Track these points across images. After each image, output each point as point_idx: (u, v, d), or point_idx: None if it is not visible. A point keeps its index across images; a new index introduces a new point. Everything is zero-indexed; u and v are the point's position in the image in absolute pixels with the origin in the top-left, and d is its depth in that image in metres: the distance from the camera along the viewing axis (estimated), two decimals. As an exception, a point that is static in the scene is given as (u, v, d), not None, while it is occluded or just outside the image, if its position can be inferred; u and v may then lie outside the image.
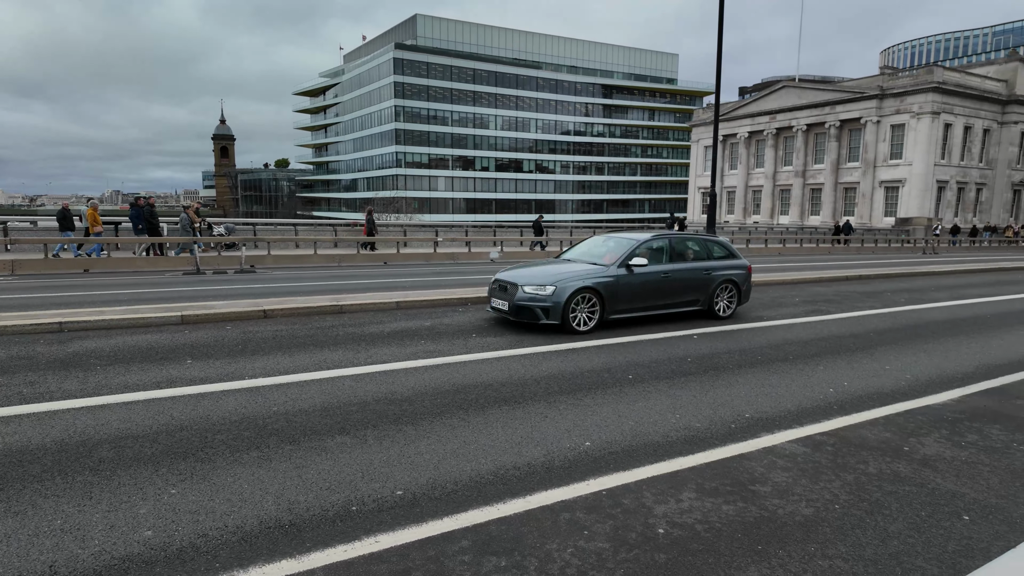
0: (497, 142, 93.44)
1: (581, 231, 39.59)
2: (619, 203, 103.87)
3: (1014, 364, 7.71)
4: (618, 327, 9.49)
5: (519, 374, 6.70)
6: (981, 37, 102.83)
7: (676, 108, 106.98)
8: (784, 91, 60.17)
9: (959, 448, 4.79)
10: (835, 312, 11.70)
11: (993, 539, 3.42)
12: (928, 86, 48.91)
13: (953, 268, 22.27)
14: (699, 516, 3.63)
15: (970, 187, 54.10)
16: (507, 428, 5.03)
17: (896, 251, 38.54)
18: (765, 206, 62.95)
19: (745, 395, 6.17)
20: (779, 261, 26.70)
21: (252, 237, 25.11)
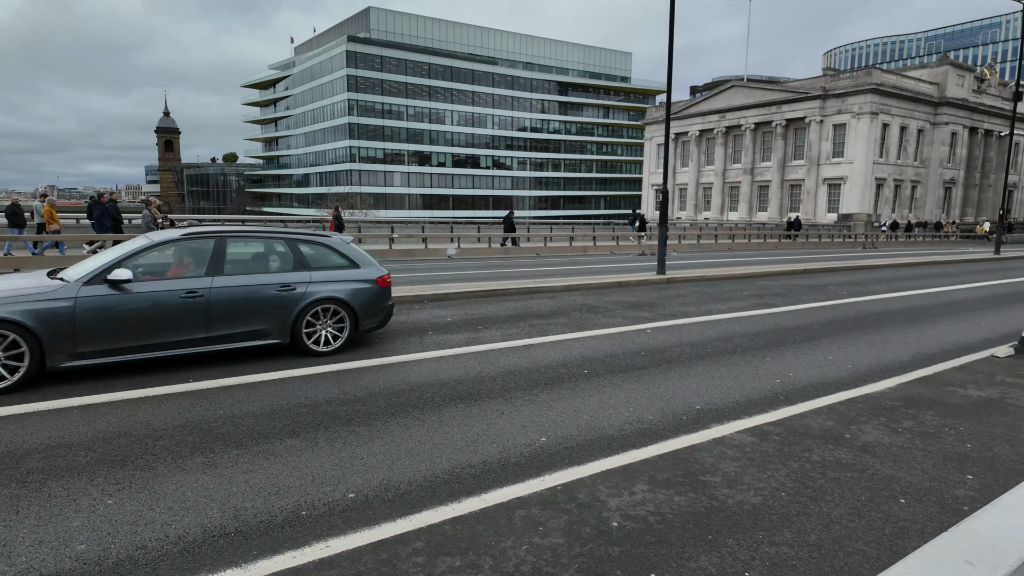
0: (454, 138, 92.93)
1: (539, 227, 39.75)
2: (576, 200, 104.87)
3: (946, 353, 8.13)
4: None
5: (475, 371, 6.66)
6: (915, 41, 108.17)
7: (630, 106, 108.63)
8: (733, 91, 61.86)
9: (896, 434, 5.01)
10: (782, 305, 12.09)
11: (927, 520, 3.59)
12: (867, 87, 51.12)
13: (891, 262, 23.37)
14: (652, 508, 3.68)
15: (906, 184, 56.89)
16: (463, 426, 5.00)
17: (839, 246, 40.17)
18: (715, 203, 64.65)
19: (696, 387, 6.30)
20: (729, 256, 27.47)
21: None
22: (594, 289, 13.96)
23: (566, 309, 11.01)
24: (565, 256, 26.56)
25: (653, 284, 15.23)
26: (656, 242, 31.75)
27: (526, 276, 16.22)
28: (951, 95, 56.67)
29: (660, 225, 17.25)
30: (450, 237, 27.53)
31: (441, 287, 12.60)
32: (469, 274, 17.01)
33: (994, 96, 61.61)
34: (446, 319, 9.73)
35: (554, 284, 13.70)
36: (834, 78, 55.35)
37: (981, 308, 12.29)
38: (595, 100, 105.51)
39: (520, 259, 24.07)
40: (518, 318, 9.97)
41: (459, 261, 22.43)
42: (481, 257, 24.69)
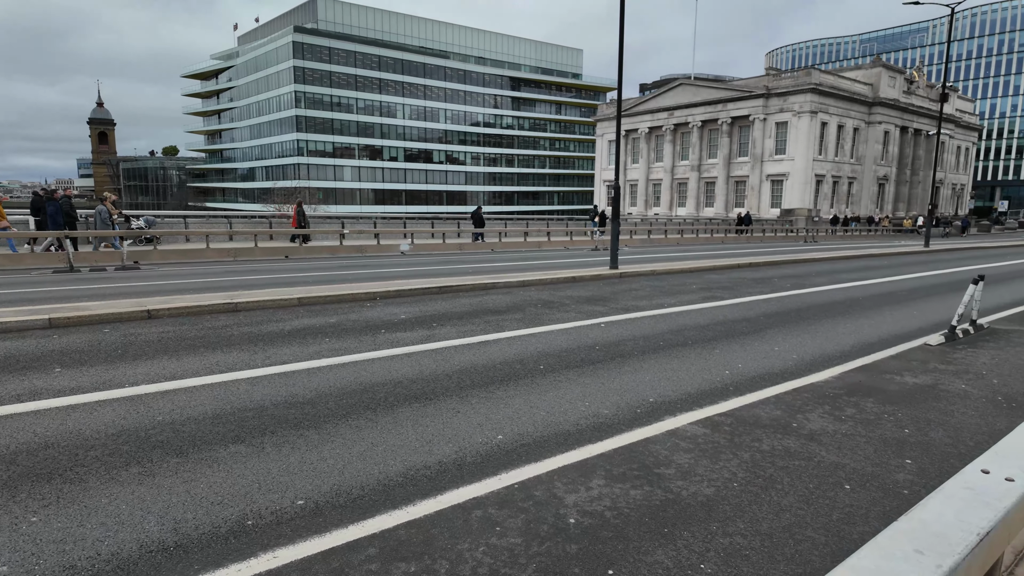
0: (406, 131, 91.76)
1: (493, 223, 39.67)
2: (529, 195, 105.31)
3: (884, 341, 8.51)
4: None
5: (430, 369, 6.55)
6: (851, 43, 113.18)
7: (581, 103, 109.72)
8: (681, 88, 63.27)
9: (840, 422, 5.19)
10: (729, 298, 12.42)
11: (871, 505, 3.72)
12: (807, 87, 53.17)
13: (830, 255, 24.39)
14: (608, 503, 3.68)
15: (843, 181, 59.53)
16: (417, 426, 4.89)
17: (782, 240, 41.69)
18: (665, 198, 66.09)
19: (649, 380, 6.38)
20: (678, 251, 28.11)
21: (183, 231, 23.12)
22: (549, 284, 14.01)
23: (521, 304, 11.00)
24: (520, 251, 26.60)
25: (606, 279, 15.41)
26: (609, 237, 32.44)
27: (481, 272, 16.15)
28: (884, 96, 59.58)
29: (612, 221, 17.47)
30: (403, 233, 27.17)
31: (394, 284, 12.39)
32: (423, 270, 16.81)
33: (922, 97, 65.15)
34: (400, 316, 9.56)
35: (509, 280, 13.67)
36: (776, 78, 57.32)
37: (914, 298, 12.94)
38: (547, 96, 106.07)
39: (475, 254, 23.96)
40: (473, 314, 9.89)
41: (413, 257, 22.16)
42: (435, 253, 24.47)
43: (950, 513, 1.78)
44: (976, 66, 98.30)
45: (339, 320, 9.19)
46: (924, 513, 1.78)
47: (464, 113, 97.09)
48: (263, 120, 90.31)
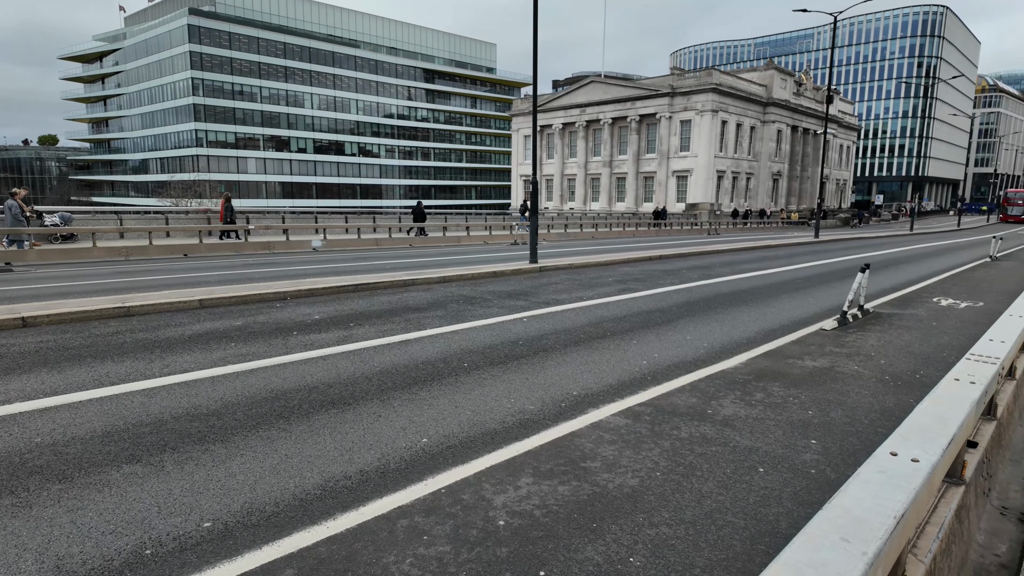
0: (315, 122, 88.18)
1: (410, 218, 38.90)
2: (446, 189, 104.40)
3: (784, 327, 9.07)
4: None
5: (348, 372, 6.28)
6: (747, 46, 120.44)
7: (496, 97, 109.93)
8: (592, 86, 64.81)
9: (750, 407, 5.45)
10: (643, 290, 12.84)
11: (783, 487, 3.91)
12: (708, 87, 56.00)
13: (732, 247, 25.86)
14: (537, 501, 3.64)
15: (742, 176, 63.31)
16: (336, 434, 4.65)
17: (687, 232, 43.77)
18: (579, 193, 67.60)
19: (572, 373, 6.43)
20: (593, 244, 28.81)
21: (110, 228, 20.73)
22: (470, 280, 13.90)
23: (443, 301, 10.83)
24: (439, 247, 26.28)
25: (527, 273, 15.50)
26: (527, 232, 33.34)
27: (400, 268, 15.77)
28: (776, 96, 63.86)
29: (531, 215, 17.59)
30: (315, 228, 26.09)
31: (306, 282, 11.83)
32: (338, 267, 16.20)
33: (810, 99, 70.45)
34: (313, 317, 9.12)
35: (429, 276, 13.43)
36: (680, 77, 59.97)
37: (809, 286, 13.94)
38: (462, 89, 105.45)
39: (392, 250, 23.41)
40: (393, 312, 9.62)
41: (326, 254, 21.33)
42: (350, 249, 23.68)
43: (868, 498, 1.85)
44: (854, 71, 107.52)
45: (246, 323, 8.64)
46: (845, 499, 1.84)
47: (377, 104, 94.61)
48: (156, 108, 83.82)
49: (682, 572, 2.97)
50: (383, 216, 37.87)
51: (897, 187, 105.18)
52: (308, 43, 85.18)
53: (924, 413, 2.70)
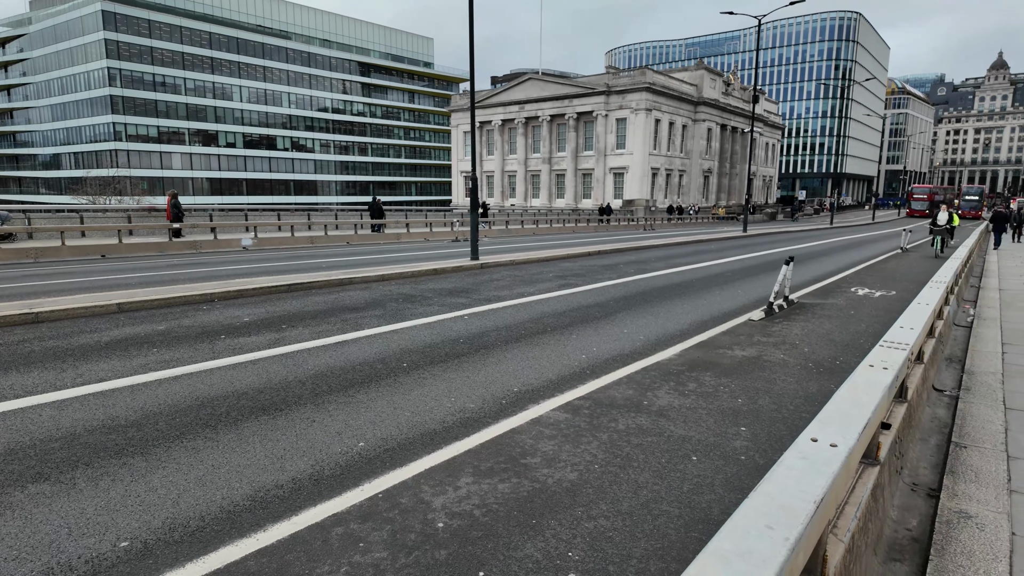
0: (245, 116, 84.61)
1: (348, 214, 38.01)
2: (385, 185, 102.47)
3: (715, 319, 9.40)
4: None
5: (281, 376, 6.04)
6: (678, 46, 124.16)
7: (435, 92, 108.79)
8: (530, 83, 65.16)
9: (684, 396, 5.61)
10: (582, 285, 13.02)
11: (715, 474, 4.04)
12: (642, 86, 57.38)
13: (666, 242, 26.63)
14: (477, 501, 3.61)
15: (675, 173, 65.29)
16: (267, 441, 4.46)
17: (624, 228, 44.76)
18: (520, 190, 67.91)
19: (513, 370, 6.44)
20: (534, 240, 29.02)
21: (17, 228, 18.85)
22: (410, 277, 13.69)
23: (382, 300, 10.61)
24: (378, 244, 25.78)
25: (468, 270, 15.42)
26: (468, 228, 33.86)
27: (337, 267, 15.36)
28: (707, 96, 66.16)
29: (471, 212, 17.51)
30: (245, 226, 25.06)
31: (235, 283, 11.33)
32: (270, 267, 15.62)
33: (737, 98, 73.36)
34: (243, 319, 8.74)
35: (368, 274, 13.14)
36: (615, 76, 61.17)
37: (738, 279, 14.51)
38: (399, 84, 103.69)
39: (329, 248, 22.77)
40: (329, 313, 9.34)
41: (257, 253, 20.52)
42: (284, 248, 22.88)
43: (791, 484, 1.92)
44: (778, 72, 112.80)
45: (169, 327, 8.18)
46: (770, 487, 1.90)
47: (310, 98, 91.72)
48: (69, 99, 78.18)
49: (620, 564, 3.02)
50: (319, 213, 36.77)
51: (818, 183, 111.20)
52: (236, 33, 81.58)
53: (842, 399, 2.84)
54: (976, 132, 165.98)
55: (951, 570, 3.00)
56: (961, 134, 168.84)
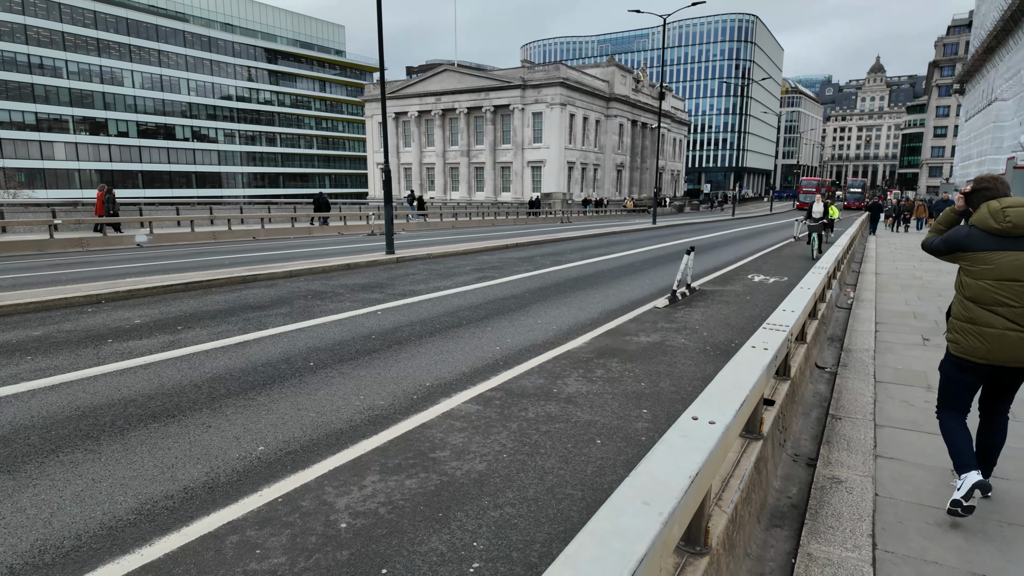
0: (138, 103, 78.41)
1: (254, 208, 36.20)
2: (297, 177, 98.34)
3: (624, 307, 9.75)
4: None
5: (175, 380, 5.68)
6: (590, 43, 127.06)
7: (348, 82, 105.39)
8: (446, 75, 64.58)
9: (591, 383, 5.79)
10: (499, 277, 13.10)
11: (617, 455, 4.20)
12: (556, 81, 58.32)
13: (582, 234, 27.30)
14: (383, 499, 3.56)
15: (590, 167, 66.98)
16: (156, 450, 4.18)
17: (542, 221, 45.42)
18: (439, 183, 67.32)
19: (426, 364, 6.39)
20: (453, 234, 28.88)
21: None
22: (320, 273, 13.24)
23: (289, 297, 10.20)
24: (287, 239, 24.72)
25: (383, 264, 15.12)
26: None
27: (241, 263, 14.59)
28: (618, 92, 68.22)
29: (385, 205, 17.14)
30: (140, 221, 23.29)
31: (125, 282, 10.52)
32: (166, 264, 14.61)
33: (646, 95, 76.16)
34: (133, 321, 8.13)
35: (274, 270, 12.58)
36: (531, 70, 61.78)
37: (646, 268, 15.12)
38: (309, 72, 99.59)
39: (233, 244, 21.58)
40: (230, 312, 8.87)
41: (152, 250, 19.14)
42: (183, 244, 21.46)
43: (670, 461, 2.02)
44: (684, 70, 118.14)
45: (47, 332, 7.47)
46: (650, 465, 2.00)
47: (212, 85, 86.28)
48: (-79, 79, 69.33)
49: (523, 549, 3.07)
50: (223, 207, 34.78)
51: (722, 177, 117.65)
52: (124, 13, 75.27)
53: (724, 379, 3.03)
54: (859, 130, 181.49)
55: (823, 532, 3.28)
56: (846, 131, 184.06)
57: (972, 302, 3.36)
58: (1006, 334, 3.22)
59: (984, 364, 3.36)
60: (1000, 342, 3.25)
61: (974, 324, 3.35)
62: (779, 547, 3.33)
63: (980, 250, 3.29)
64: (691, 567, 2.26)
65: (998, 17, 39.81)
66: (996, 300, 3.24)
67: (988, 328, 3.28)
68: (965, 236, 3.38)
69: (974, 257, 3.32)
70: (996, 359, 3.29)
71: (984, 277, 3.29)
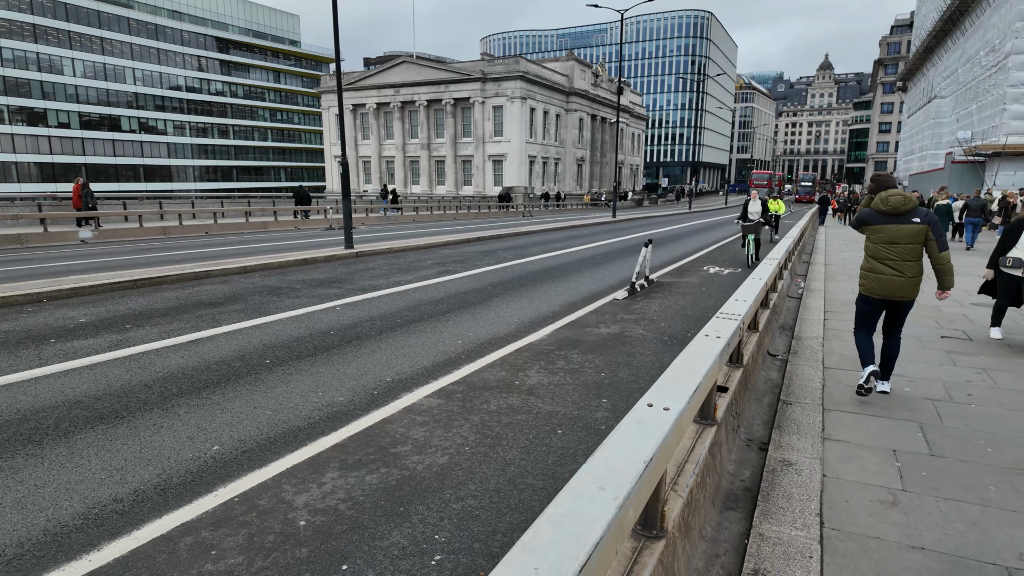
0: (80, 92, 74.80)
1: (207, 202, 35.03)
2: (251, 170, 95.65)
3: (585, 299, 9.86)
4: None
5: (123, 381, 5.48)
6: (550, 37, 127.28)
7: (303, 73, 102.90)
8: (404, 66, 63.73)
9: (552, 374, 5.84)
10: (461, 271, 13.07)
11: (577, 444, 4.26)
12: (516, 74, 58.27)
13: (544, 227, 27.42)
14: (343, 495, 3.53)
15: (551, 161, 67.25)
16: (104, 453, 4.03)
17: (504, 215, 45.43)
18: (399, 176, 66.50)
19: (387, 360, 6.33)
20: (414, 227, 28.61)
21: None
22: (276, 268, 12.95)
23: (244, 294, 9.95)
24: (241, 234, 24.06)
25: (342, 259, 14.88)
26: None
27: (192, 259, 14.15)
28: (577, 86, 68.62)
29: (344, 198, 16.85)
30: (85, 217, 22.28)
31: (68, 280, 10.08)
32: (113, 261, 14.04)
33: (605, 90, 76.86)
34: (78, 320, 7.80)
35: (228, 266, 12.23)
36: (491, 63, 61.55)
37: (607, 261, 15.31)
38: (263, 62, 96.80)
39: (184, 239, 20.88)
40: (182, 310, 8.59)
41: (98, 246, 18.36)
42: (131, 240, 20.65)
43: (626, 447, 2.07)
44: (642, 65, 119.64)
45: (-16, 333, 7.10)
46: (606, 451, 2.04)
47: (160, 74, 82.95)
48: None
49: (485, 540, 3.10)
50: (173, 201, 33.59)
51: (679, 171, 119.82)
52: (63, -2, 71.61)
53: (678, 366, 3.10)
54: (809, 125, 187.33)
55: (774, 513, 3.41)
56: (798, 127, 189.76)
57: (872, 258, 5.03)
58: (892, 279, 4.91)
59: (879, 299, 5.05)
60: (888, 284, 4.93)
61: (873, 272, 5.02)
62: (733, 528, 3.44)
63: (875, 224, 4.97)
64: (648, 550, 2.32)
65: (937, 19, 41.67)
66: (885, 256, 4.93)
67: (880, 274, 4.96)
68: (867, 215, 5.04)
69: (871, 228, 5.00)
70: (886, 295, 4.98)
71: (878, 241, 4.96)
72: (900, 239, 4.83)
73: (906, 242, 4.82)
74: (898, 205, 4.83)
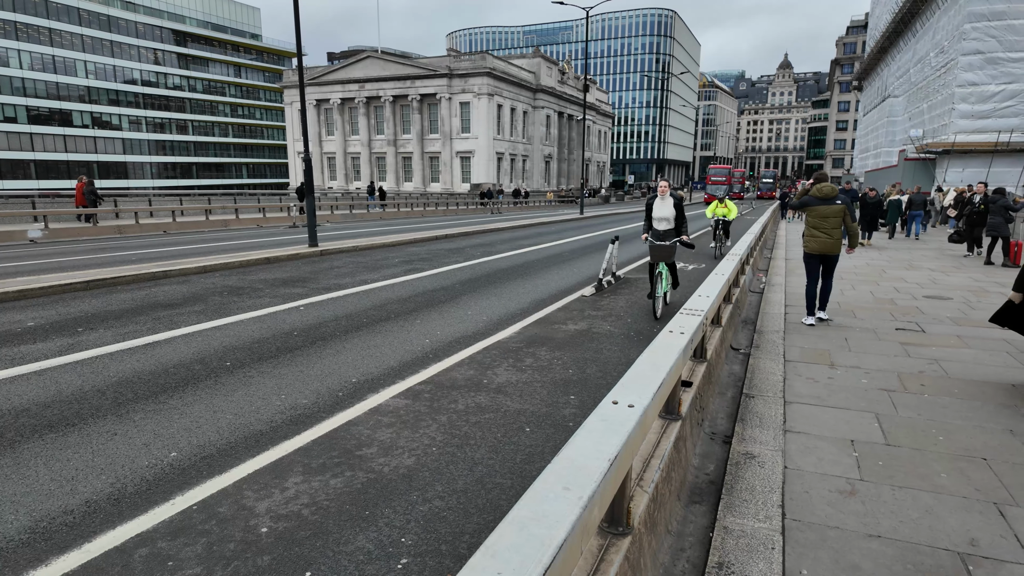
0: (27, 86, 71.60)
1: (165, 199, 33.98)
2: (211, 167, 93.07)
3: (553, 296, 9.89)
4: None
5: (75, 387, 5.26)
6: (516, 34, 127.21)
7: (265, 67, 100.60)
8: (369, 61, 62.87)
9: (521, 372, 5.84)
10: (428, 269, 12.96)
11: (545, 442, 4.26)
12: (483, 71, 58.07)
13: (512, 224, 27.41)
14: (306, 500, 3.46)
15: (519, 158, 67.29)
16: (53, 463, 3.86)
17: (472, 212, 45.29)
18: (365, 172, 65.64)
19: (352, 360, 6.23)
20: (381, 225, 28.28)
21: None
22: (238, 268, 12.63)
23: (203, 294, 9.67)
24: (202, 232, 23.40)
25: (306, 257, 14.60)
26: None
27: (150, 259, 13.70)
28: (544, 84, 68.76)
29: (307, 195, 16.53)
30: (33, 215, 21.37)
31: (15, 282, 9.64)
32: (65, 261, 13.50)
33: (572, 87, 77.22)
34: (25, 324, 7.47)
35: (186, 266, 11.88)
36: (457, 59, 61.19)
37: (574, 258, 15.39)
38: (223, 56, 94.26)
39: (141, 239, 20.20)
40: (137, 311, 8.31)
41: (48, 246, 17.62)
42: (84, 239, 19.88)
43: (590, 445, 2.07)
44: (607, 63, 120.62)
45: (-77, 339, 6.74)
46: (571, 450, 2.03)
47: (114, 68, 79.98)
48: None
49: (452, 542, 3.07)
50: (129, 199, 32.46)
51: (644, 168, 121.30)
52: (6, -15, 68.38)
53: (643, 363, 3.13)
54: (770, 123, 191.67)
55: (737, 505, 3.46)
56: (759, 124, 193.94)
57: (812, 227, 7.59)
58: (824, 240, 7.48)
59: (816, 255, 7.60)
60: (822, 244, 7.50)
61: (812, 237, 7.58)
62: (698, 522, 3.49)
63: (813, 205, 7.51)
64: (614, 547, 2.33)
65: (889, 20, 43.05)
66: (818, 226, 7.51)
67: (816, 238, 7.54)
68: (808, 200, 7.58)
69: (810, 208, 7.54)
70: (821, 251, 7.55)
71: (814, 216, 7.52)
72: (828, 215, 7.43)
73: (832, 216, 7.42)
74: (827, 193, 7.47)
